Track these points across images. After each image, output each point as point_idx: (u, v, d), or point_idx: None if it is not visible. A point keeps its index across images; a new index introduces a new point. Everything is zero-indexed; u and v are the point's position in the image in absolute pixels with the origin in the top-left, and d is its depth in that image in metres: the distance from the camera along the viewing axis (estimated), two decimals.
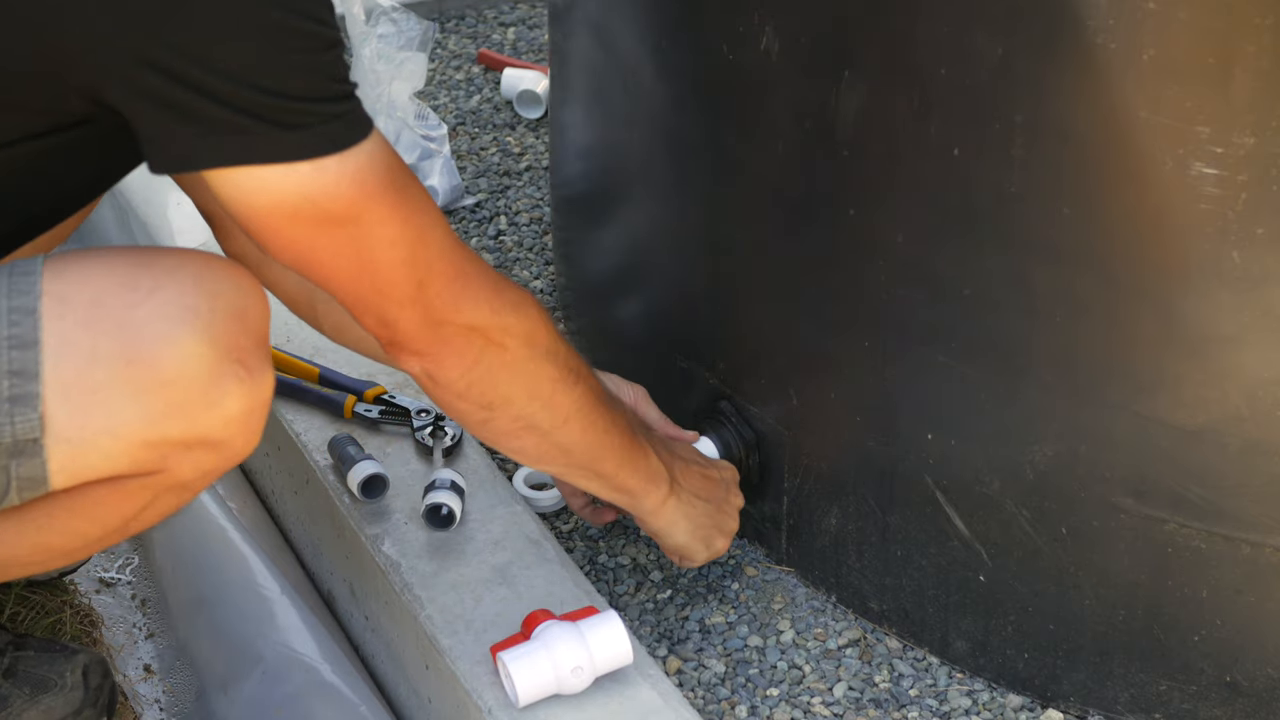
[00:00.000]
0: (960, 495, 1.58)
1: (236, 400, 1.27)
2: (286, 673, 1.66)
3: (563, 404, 1.44)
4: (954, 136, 1.44)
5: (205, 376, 1.25)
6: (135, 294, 1.24)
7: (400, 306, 1.30)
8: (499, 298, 1.35)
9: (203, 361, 1.24)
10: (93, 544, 1.38)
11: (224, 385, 1.26)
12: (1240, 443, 1.43)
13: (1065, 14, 1.33)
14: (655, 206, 1.83)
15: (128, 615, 1.84)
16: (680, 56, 1.70)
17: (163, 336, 1.23)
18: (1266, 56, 1.27)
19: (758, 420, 1.74)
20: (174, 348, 1.24)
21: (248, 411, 1.28)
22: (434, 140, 2.44)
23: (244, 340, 1.27)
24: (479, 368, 1.37)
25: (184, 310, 1.24)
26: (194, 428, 1.27)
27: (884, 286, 1.55)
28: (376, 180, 1.23)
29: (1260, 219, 1.33)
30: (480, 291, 1.34)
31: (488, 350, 1.36)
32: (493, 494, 1.76)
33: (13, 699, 1.52)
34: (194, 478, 1.32)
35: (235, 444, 1.30)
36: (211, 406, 1.26)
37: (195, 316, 1.24)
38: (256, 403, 1.28)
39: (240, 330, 1.26)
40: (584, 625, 1.52)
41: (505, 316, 1.36)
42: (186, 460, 1.29)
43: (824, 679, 1.67)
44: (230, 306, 1.26)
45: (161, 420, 1.25)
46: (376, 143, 1.24)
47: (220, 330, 1.25)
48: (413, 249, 1.28)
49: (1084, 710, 1.61)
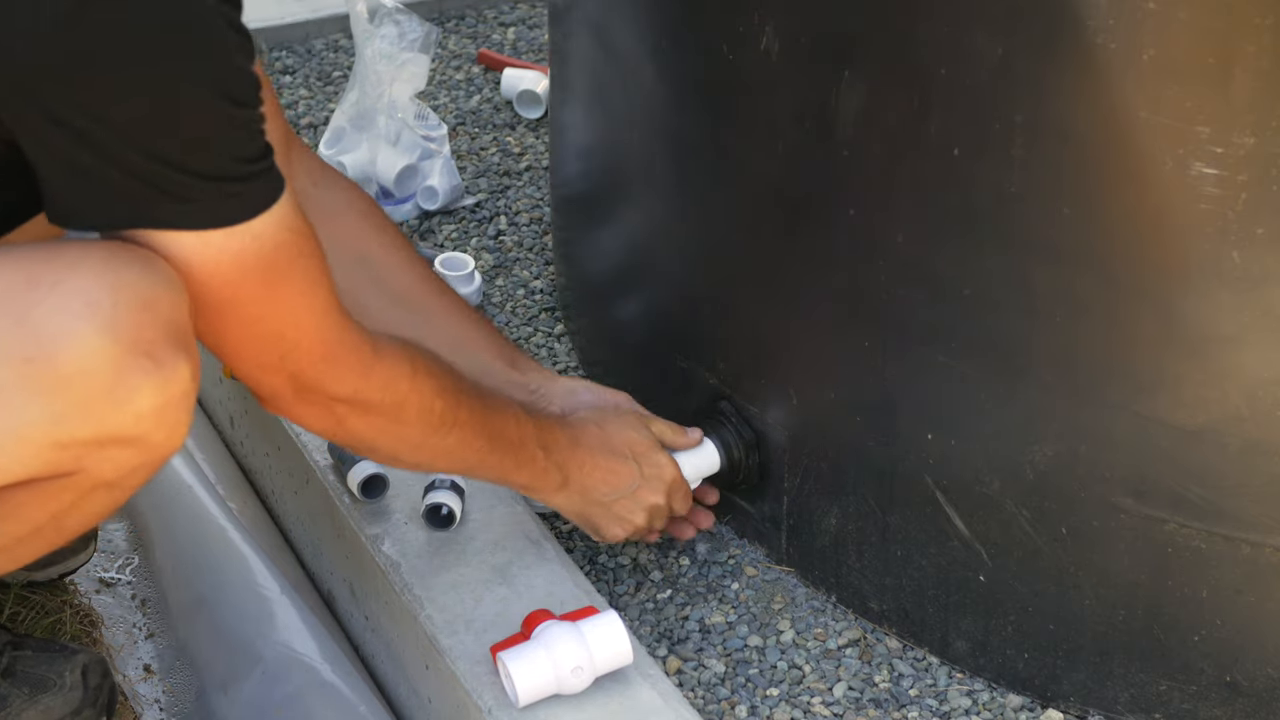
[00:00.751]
0: (960, 495, 1.58)
1: (147, 395, 1.22)
2: (286, 673, 1.66)
3: (434, 448, 1.49)
4: (954, 136, 1.44)
5: (108, 372, 1.20)
6: (36, 291, 1.20)
7: (263, 371, 1.33)
8: (366, 378, 1.38)
9: (104, 356, 1.20)
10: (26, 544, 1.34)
11: (130, 380, 1.21)
12: (1240, 443, 1.43)
13: (1065, 14, 1.33)
14: (655, 206, 1.83)
15: (128, 615, 1.84)
16: (680, 56, 1.70)
17: (61, 332, 1.19)
18: (1266, 56, 1.27)
19: (758, 420, 1.74)
20: (73, 344, 1.19)
21: (161, 406, 1.23)
22: (434, 140, 2.44)
23: (151, 332, 1.21)
24: (341, 429, 1.41)
25: (84, 305, 1.19)
26: (103, 426, 1.22)
27: (884, 286, 1.55)
28: (258, 261, 1.25)
29: (1260, 219, 1.33)
30: (346, 373, 1.37)
31: (350, 416, 1.40)
32: (493, 494, 1.76)
33: (12, 699, 1.52)
34: (118, 476, 1.27)
35: (154, 439, 1.25)
36: (120, 404, 1.21)
37: (95, 311, 1.19)
38: (171, 396, 1.23)
39: (148, 321, 1.21)
40: (584, 625, 1.52)
41: (371, 394, 1.39)
42: (104, 459, 1.25)
43: (824, 679, 1.67)
44: (136, 298, 1.21)
45: (67, 420, 1.21)
46: (271, 220, 1.25)
47: (124, 323, 1.20)
48: (280, 328, 1.30)
49: (1084, 710, 1.61)
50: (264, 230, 1.24)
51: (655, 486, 1.68)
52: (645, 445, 1.67)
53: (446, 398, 1.46)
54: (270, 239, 1.25)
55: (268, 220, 1.24)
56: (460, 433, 1.48)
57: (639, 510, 1.68)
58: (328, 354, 1.35)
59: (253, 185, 1.24)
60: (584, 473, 1.63)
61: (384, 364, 1.39)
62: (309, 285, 1.30)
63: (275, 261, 1.26)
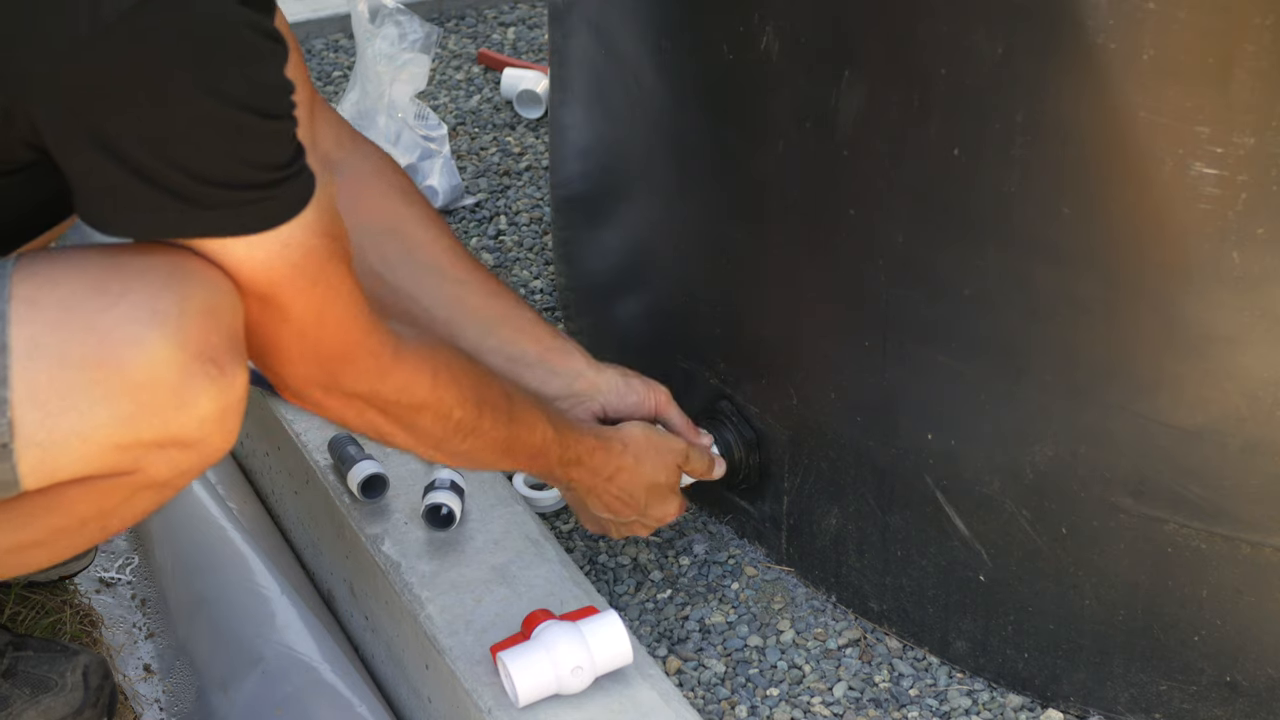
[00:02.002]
0: (960, 495, 1.58)
1: (210, 400, 1.26)
2: (286, 672, 1.66)
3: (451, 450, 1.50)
4: (954, 136, 1.44)
5: (175, 378, 1.24)
6: (105, 298, 1.24)
7: (283, 364, 1.35)
8: (382, 380, 1.40)
9: (172, 364, 1.24)
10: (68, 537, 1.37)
11: (195, 385, 1.25)
12: (1240, 443, 1.43)
13: (1065, 14, 1.33)
14: (655, 206, 1.83)
15: (128, 615, 1.84)
16: (680, 56, 1.70)
17: (131, 340, 1.23)
18: (1266, 56, 1.27)
19: (758, 420, 1.74)
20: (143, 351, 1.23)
21: (222, 410, 1.28)
22: (434, 140, 2.44)
23: (216, 339, 1.26)
24: (361, 420, 1.43)
25: (153, 314, 1.23)
26: (166, 429, 1.26)
27: (884, 286, 1.55)
28: (286, 268, 1.27)
29: (1260, 219, 1.33)
30: (363, 374, 1.38)
31: (368, 411, 1.42)
32: (493, 494, 1.76)
33: (13, 699, 1.52)
34: (171, 476, 1.31)
35: (212, 442, 1.29)
36: (183, 408, 1.26)
37: (164, 320, 1.23)
38: (230, 401, 1.28)
39: (212, 329, 1.26)
40: (584, 625, 1.52)
41: (387, 395, 1.41)
42: (161, 460, 1.29)
43: (824, 679, 1.67)
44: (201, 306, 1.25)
45: (132, 423, 1.25)
46: (301, 225, 1.26)
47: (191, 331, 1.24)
48: (302, 328, 1.32)
49: (1084, 710, 1.61)
50: (293, 237, 1.26)
51: (649, 524, 1.71)
52: (665, 490, 1.68)
53: (467, 408, 1.46)
54: (299, 245, 1.27)
55: (296, 226, 1.26)
56: (479, 440, 1.49)
57: (622, 528, 1.72)
58: (346, 355, 1.36)
59: (282, 191, 1.24)
60: (592, 494, 1.65)
61: (403, 368, 1.41)
62: (334, 289, 1.32)
63: (305, 267, 1.28)
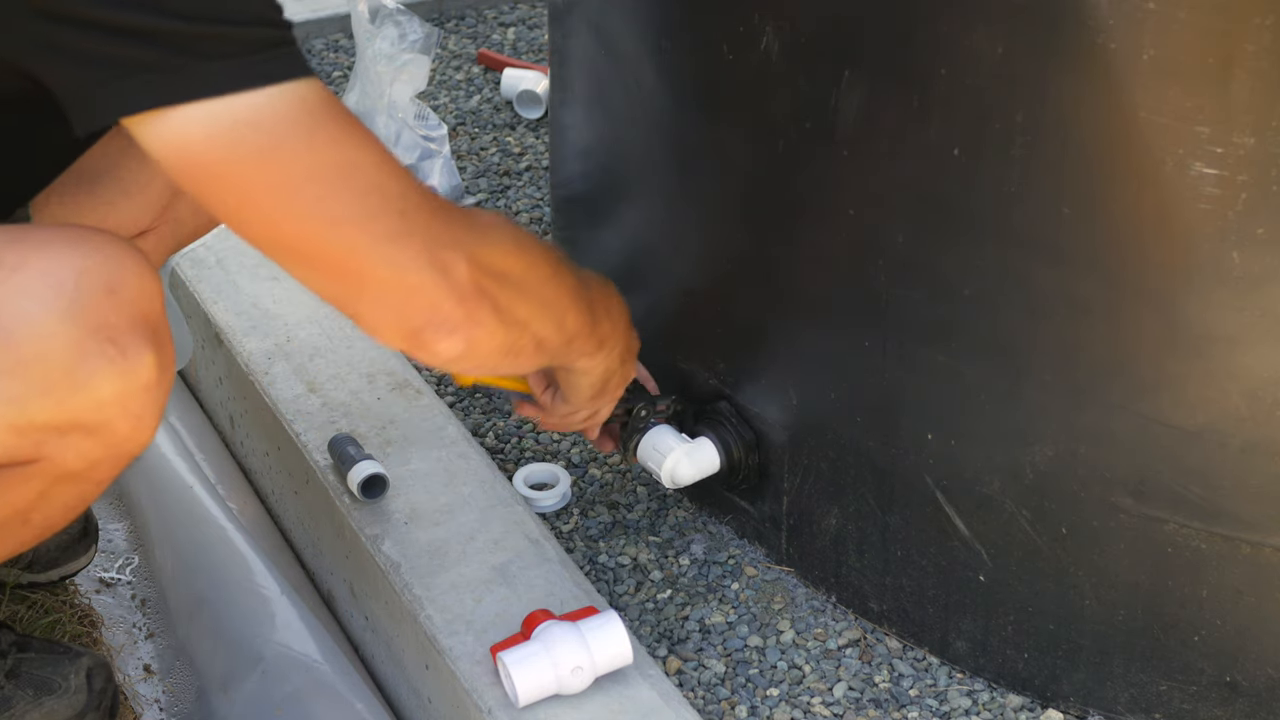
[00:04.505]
0: (960, 495, 1.58)
1: (107, 382, 1.19)
2: (286, 672, 1.66)
3: (545, 299, 1.36)
4: (954, 136, 1.44)
5: (67, 356, 1.18)
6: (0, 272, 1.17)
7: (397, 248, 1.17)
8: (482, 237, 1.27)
9: (63, 339, 1.17)
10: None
11: (90, 365, 1.18)
12: (1240, 443, 1.43)
13: (1065, 14, 1.33)
14: (655, 206, 1.83)
15: (128, 615, 1.84)
16: (680, 56, 1.70)
17: (21, 314, 1.17)
18: (1266, 56, 1.27)
19: (758, 420, 1.74)
20: (32, 325, 1.17)
21: (123, 394, 1.20)
22: (434, 140, 2.44)
23: (115, 318, 1.19)
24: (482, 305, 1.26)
25: (46, 287, 1.17)
26: (62, 410, 1.20)
27: (884, 286, 1.55)
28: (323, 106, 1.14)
29: (1260, 219, 1.33)
30: (460, 215, 1.25)
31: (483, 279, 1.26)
32: (492, 494, 1.76)
33: (16, 701, 1.51)
34: (82, 467, 1.25)
35: (119, 429, 1.22)
36: (78, 389, 1.19)
37: (57, 293, 1.17)
38: (134, 385, 1.21)
39: (111, 307, 1.18)
40: (584, 625, 1.52)
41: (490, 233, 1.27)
42: (66, 447, 1.22)
43: (824, 679, 1.67)
44: (100, 282, 1.18)
45: (25, 403, 1.18)
46: (310, 83, 1.14)
47: (87, 307, 1.17)
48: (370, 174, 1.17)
49: (1084, 710, 1.61)
50: (309, 91, 1.13)
51: (599, 417, 1.66)
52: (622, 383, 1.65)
53: (542, 241, 1.36)
54: (316, 95, 1.14)
55: (310, 81, 1.14)
56: (560, 286, 1.37)
57: (584, 419, 1.64)
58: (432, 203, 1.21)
59: (286, 50, 1.13)
60: (603, 364, 1.54)
61: (480, 216, 1.29)
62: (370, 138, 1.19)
63: (332, 110, 1.15)
